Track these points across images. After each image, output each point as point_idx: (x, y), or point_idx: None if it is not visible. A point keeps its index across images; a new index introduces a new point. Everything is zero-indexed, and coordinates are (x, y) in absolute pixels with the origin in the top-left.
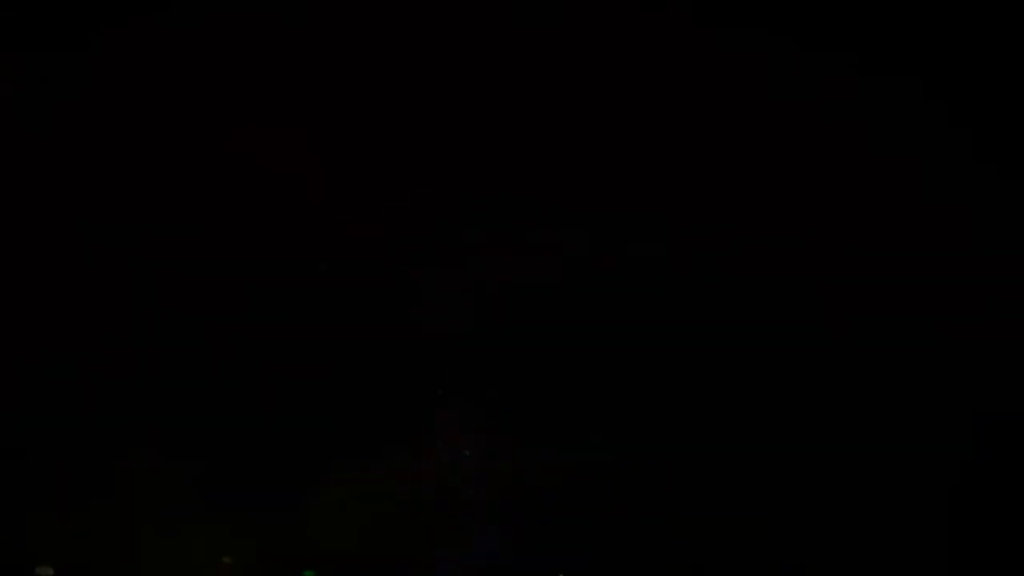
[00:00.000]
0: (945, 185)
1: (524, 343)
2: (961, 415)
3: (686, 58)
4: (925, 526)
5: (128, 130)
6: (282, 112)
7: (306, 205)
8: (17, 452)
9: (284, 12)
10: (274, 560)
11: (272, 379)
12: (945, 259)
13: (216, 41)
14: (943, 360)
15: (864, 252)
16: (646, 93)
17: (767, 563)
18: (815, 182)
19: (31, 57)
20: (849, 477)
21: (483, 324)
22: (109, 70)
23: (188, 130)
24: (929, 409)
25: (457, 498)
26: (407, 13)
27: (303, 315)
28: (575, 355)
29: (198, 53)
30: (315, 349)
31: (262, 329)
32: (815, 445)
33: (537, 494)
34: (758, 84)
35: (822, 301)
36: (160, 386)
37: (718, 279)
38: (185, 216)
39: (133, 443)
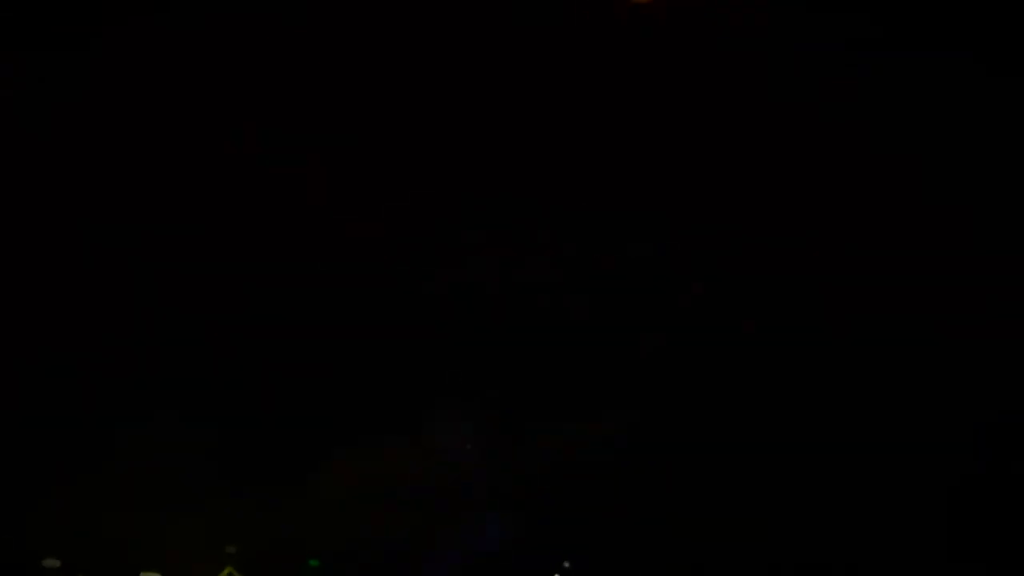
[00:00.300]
0: (945, 185)
1: (524, 343)
2: (961, 415)
3: (685, 59)
4: (925, 526)
5: (128, 130)
6: (282, 112)
7: (306, 205)
8: (20, 448)
9: (284, 12)
10: (279, 549)
11: (273, 378)
12: (945, 259)
13: (216, 41)
14: (943, 360)
15: (864, 252)
16: (645, 94)
17: (767, 563)
18: (815, 182)
19: (31, 57)
20: (849, 477)
21: (483, 324)
22: (109, 70)
23: (188, 130)
24: (929, 409)
25: (457, 495)
26: (407, 14)
27: (303, 315)
28: (575, 355)
29: (198, 53)
30: (315, 348)
31: (262, 329)
32: (815, 445)
33: (537, 493)
34: (757, 85)
35: (822, 301)
36: (162, 385)
37: (717, 279)
38: (185, 216)
39: (137, 440)
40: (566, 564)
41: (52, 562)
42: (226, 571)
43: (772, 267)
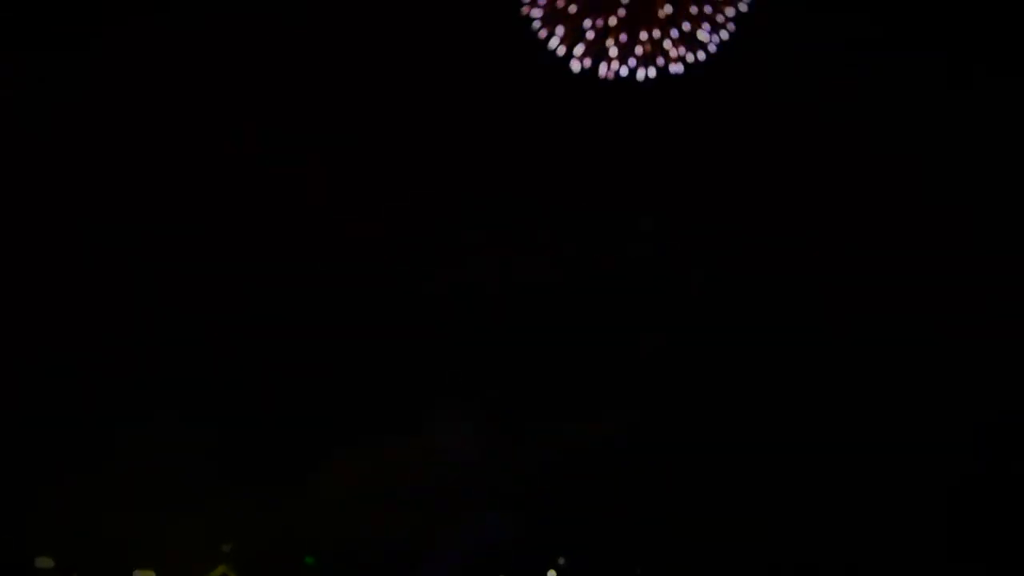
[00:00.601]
0: (945, 185)
1: (524, 343)
2: (961, 415)
3: (684, 60)
4: (925, 526)
5: (128, 130)
6: (282, 112)
7: (306, 205)
8: (18, 447)
9: (284, 12)
10: (278, 548)
11: (273, 378)
12: (945, 259)
13: (216, 41)
14: (943, 360)
15: (864, 252)
16: (644, 95)
17: (767, 563)
18: (815, 182)
19: (31, 57)
20: (850, 477)
21: (483, 324)
22: (109, 70)
23: (188, 130)
24: (929, 409)
25: (457, 495)
26: (407, 15)
27: (303, 315)
28: (575, 355)
29: (198, 53)
30: (316, 348)
31: (262, 329)
32: (815, 445)
33: (537, 493)
34: (757, 85)
35: (822, 301)
36: (162, 385)
37: (717, 279)
38: (185, 216)
39: (137, 440)
40: (561, 561)
41: (46, 561)
42: (220, 569)
43: (772, 267)
